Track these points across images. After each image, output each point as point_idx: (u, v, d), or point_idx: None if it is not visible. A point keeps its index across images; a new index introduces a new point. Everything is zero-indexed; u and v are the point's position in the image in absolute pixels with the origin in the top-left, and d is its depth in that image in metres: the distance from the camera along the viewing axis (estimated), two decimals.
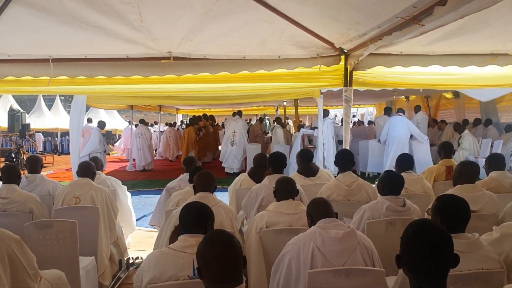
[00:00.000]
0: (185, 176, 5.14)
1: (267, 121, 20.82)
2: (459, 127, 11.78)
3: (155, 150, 17.78)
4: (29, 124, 17.57)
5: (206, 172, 3.82)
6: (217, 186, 3.90)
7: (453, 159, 5.56)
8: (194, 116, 17.88)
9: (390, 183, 3.53)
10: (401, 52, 5.08)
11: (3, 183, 4.29)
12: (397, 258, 1.87)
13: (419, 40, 4.26)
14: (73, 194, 4.47)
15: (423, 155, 10.52)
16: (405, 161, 4.78)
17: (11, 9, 4.21)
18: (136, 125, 15.71)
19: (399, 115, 10.91)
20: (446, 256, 1.79)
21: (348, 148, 5.44)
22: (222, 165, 13.44)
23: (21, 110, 17.80)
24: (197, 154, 13.66)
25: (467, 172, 3.94)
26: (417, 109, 12.69)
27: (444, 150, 5.48)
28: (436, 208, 2.62)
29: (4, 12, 4.22)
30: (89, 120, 18.64)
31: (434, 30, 3.54)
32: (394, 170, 4.30)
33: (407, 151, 10.00)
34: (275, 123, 13.79)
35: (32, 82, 5.50)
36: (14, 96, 24.36)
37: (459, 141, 10.99)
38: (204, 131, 15.03)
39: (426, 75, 5.59)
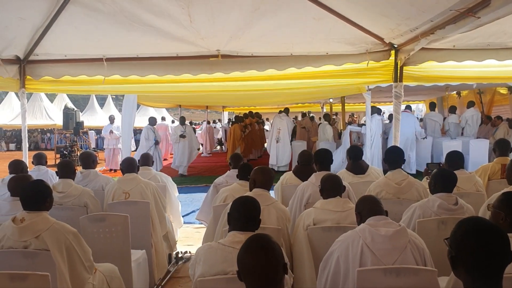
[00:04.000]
0: (232, 172, 5.19)
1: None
2: None
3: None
4: (82, 122, 18.29)
5: (269, 169, 3.82)
6: None
7: (510, 157, 5.31)
8: (239, 114, 18.03)
9: (443, 179, 3.41)
10: (453, 46, 4.91)
11: (59, 178, 4.49)
12: (451, 259, 1.80)
13: (472, 32, 4.09)
14: (122, 190, 4.62)
15: (481, 154, 10.14)
16: (456, 159, 4.59)
17: (68, 11, 4.41)
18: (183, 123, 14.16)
19: (406, 111, 10.52)
20: (503, 255, 1.72)
21: (398, 145, 5.30)
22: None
23: (75, 109, 18.60)
24: (243, 151, 13.73)
25: None
26: (469, 105, 12.16)
27: (500, 147, 5.23)
28: (501, 203, 2.54)
29: (62, 14, 4.43)
30: (163, 118, 18.93)
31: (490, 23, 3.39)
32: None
33: (414, 149, 10.42)
34: (323, 120, 13.61)
35: (87, 82, 5.73)
36: (68, 95, 25.55)
37: None
38: (250, 128, 15.11)
39: (481, 67, 5.36)
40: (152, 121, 12.96)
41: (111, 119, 15.52)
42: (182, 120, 13.98)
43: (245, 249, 1.97)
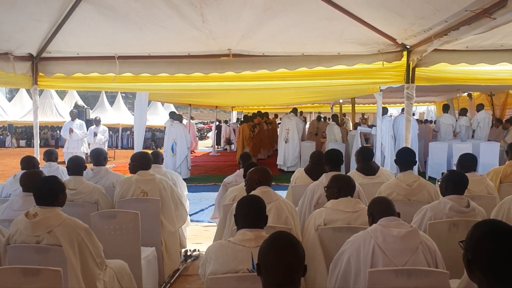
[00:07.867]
0: (242, 171, 5.19)
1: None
2: None
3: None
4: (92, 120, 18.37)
5: (265, 167, 3.83)
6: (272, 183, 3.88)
7: None
8: (248, 114, 18.04)
9: (454, 181, 3.40)
10: (466, 47, 4.88)
11: (70, 175, 4.51)
12: (467, 262, 1.77)
13: (486, 33, 4.04)
14: (140, 190, 4.56)
15: (491, 157, 10.06)
16: (468, 161, 4.56)
17: (81, 8, 4.44)
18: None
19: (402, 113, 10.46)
20: None
21: (409, 146, 5.28)
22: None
23: (85, 106, 18.71)
24: (251, 150, 13.71)
25: None
26: (479, 107, 12.03)
27: None
28: None
29: (75, 11, 4.46)
30: (192, 118, 18.78)
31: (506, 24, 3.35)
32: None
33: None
34: (331, 121, 13.56)
35: (98, 79, 5.76)
36: (78, 93, 25.71)
37: None
38: (258, 128, 15.09)
39: (494, 68, 5.31)
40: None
41: (73, 115, 12.84)
42: (179, 117, 11.90)
43: (270, 243, 1.96)
